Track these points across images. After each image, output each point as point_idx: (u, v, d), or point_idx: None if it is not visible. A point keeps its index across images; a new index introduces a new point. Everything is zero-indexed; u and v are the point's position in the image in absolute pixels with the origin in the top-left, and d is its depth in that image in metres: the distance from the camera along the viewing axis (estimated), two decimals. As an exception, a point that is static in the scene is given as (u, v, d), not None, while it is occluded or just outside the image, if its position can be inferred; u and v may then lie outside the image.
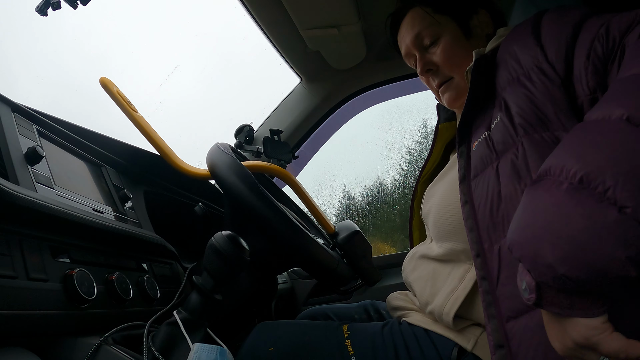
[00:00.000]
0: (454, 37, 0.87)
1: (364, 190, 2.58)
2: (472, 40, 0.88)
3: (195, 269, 0.96)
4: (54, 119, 0.90)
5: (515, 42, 0.72)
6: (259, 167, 0.98)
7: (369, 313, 1.06)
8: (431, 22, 0.88)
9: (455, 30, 0.88)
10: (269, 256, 0.86)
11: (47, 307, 0.58)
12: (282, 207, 0.80)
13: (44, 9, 0.87)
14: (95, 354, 0.61)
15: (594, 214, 0.42)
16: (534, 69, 0.66)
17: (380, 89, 1.73)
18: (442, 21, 0.88)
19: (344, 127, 1.87)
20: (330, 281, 0.90)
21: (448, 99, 0.90)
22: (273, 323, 0.90)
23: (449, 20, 0.88)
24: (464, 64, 0.84)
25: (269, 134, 1.67)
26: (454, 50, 0.87)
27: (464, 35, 0.88)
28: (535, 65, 0.66)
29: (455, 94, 0.89)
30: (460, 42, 0.87)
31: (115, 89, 0.89)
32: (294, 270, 1.74)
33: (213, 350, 0.62)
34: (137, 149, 1.11)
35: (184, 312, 0.69)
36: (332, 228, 1.03)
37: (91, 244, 0.73)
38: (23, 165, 0.69)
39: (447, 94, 0.90)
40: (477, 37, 0.89)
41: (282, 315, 1.55)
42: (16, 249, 0.57)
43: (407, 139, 2.59)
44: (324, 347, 0.81)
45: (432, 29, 0.88)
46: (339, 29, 1.37)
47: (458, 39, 0.87)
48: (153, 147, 0.92)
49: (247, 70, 2.71)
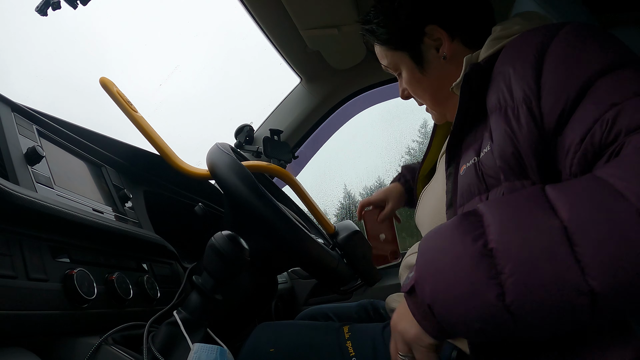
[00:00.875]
0: (410, 73, 0.85)
1: (364, 190, 2.58)
2: (428, 69, 0.83)
3: (195, 269, 0.96)
4: (54, 119, 0.90)
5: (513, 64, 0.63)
6: (259, 167, 0.97)
7: (369, 313, 1.06)
8: (389, 60, 0.87)
9: (409, 64, 0.84)
10: (269, 256, 0.86)
11: (47, 307, 0.58)
12: (282, 207, 0.80)
13: (44, 9, 0.87)
14: (95, 354, 0.61)
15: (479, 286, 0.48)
16: (523, 108, 0.59)
17: (380, 88, 1.73)
18: (397, 57, 0.85)
19: (344, 127, 1.87)
20: (330, 281, 0.90)
21: (434, 118, 0.92)
22: (274, 324, 0.90)
23: (403, 55, 0.84)
24: (429, 92, 0.85)
25: (269, 134, 1.67)
26: (413, 85, 0.86)
27: (417, 66, 0.83)
28: (525, 104, 0.59)
29: (436, 116, 0.90)
30: (415, 76, 0.84)
31: (115, 89, 0.89)
32: (294, 270, 1.74)
33: (213, 350, 0.62)
34: (137, 149, 1.11)
35: (184, 312, 0.69)
36: (332, 228, 1.03)
37: (91, 244, 0.73)
38: (23, 165, 0.69)
39: (431, 114, 0.91)
40: (431, 64, 0.82)
41: (282, 315, 1.55)
42: (16, 249, 0.57)
43: (407, 139, 2.59)
44: (325, 348, 0.81)
45: (392, 65, 0.88)
46: (339, 29, 1.37)
47: (413, 73, 0.84)
48: (153, 147, 0.92)
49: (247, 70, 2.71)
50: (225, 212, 0.92)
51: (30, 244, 0.60)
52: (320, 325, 0.89)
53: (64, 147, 0.88)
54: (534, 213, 0.48)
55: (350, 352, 0.79)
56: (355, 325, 0.87)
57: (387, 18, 0.83)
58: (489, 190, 0.62)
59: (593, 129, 0.52)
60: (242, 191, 0.76)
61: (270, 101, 1.78)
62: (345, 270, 0.89)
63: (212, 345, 0.63)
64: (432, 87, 0.84)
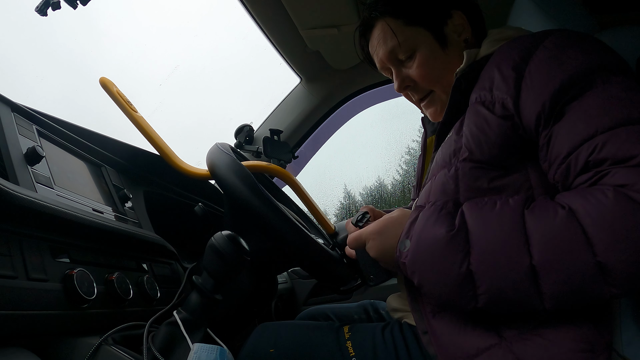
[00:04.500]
0: (430, 49, 0.81)
1: (364, 190, 2.58)
2: (449, 49, 0.82)
3: (195, 269, 0.96)
4: (54, 119, 0.90)
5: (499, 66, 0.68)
6: (259, 167, 0.97)
7: (369, 313, 1.06)
8: (404, 36, 0.82)
9: (430, 41, 0.82)
10: (269, 256, 0.86)
11: (47, 307, 0.58)
12: (282, 207, 0.80)
13: (43, 9, 0.87)
14: (95, 354, 0.61)
15: (450, 260, 0.60)
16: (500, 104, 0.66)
17: (380, 88, 1.73)
18: (415, 34, 0.82)
19: (344, 127, 1.87)
20: (330, 281, 0.90)
21: (432, 114, 0.88)
22: (274, 324, 0.90)
23: (423, 32, 0.82)
24: (443, 75, 0.82)
25: (269, 134, 1.67)
26: (431, 64, 0.82)
27: (440, 45, 0.82)
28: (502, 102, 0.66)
29: (438, 108, 0.86)
30: (437, 54, 0.82)
31: (115, 89, 0.89)
32: (294, 270, 1.74)
33: (213, 350, 0.62)
34: (137, 149, 1.11)
35: (184, 312, 0.69)
36: (332, 228, 1.03)
37: (91, 244, 0.73)
38: (23, 165, 0.69)
39: (430, 109, 0.87)
40: (453, 45, 0.83)
41: (282, 315, 1.55)
42: (16, 249, 0.57)
43: (407, 139, 2.59)
44: (325, 349, 0.81)
45: (407, 43, 0.82)
46: (339, 29, 1.37)
47: (434, 51, 0.82)
48: (153, 147, 0.92)
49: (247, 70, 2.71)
50: (225, 212, 0.92)
51: (30, 244, 0.60)
52: (320, 325, 0.89)
53: (63, 147, 0.88)
54: (509, 245, 0.58)
55: (350, 353, 0.79)
56: (355, 325, 0.86)
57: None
58: (456, 167, 0.69)
59: (580, 149, 0.58)
60: (242, 191, 0.76)
61: (270, 101, 1.78)
62: (345, 271, 0.89)
63: (212, 345, 0.63)
64: (449, 67, 0.81)
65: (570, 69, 0.61)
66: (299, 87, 1.74)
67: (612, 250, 0.52)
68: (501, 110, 0.66)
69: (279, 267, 1.08)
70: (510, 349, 0.61)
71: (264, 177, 1.19)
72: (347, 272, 0.89)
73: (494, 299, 0.59)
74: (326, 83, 1.70)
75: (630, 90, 0.59)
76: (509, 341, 0.62)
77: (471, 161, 0.67)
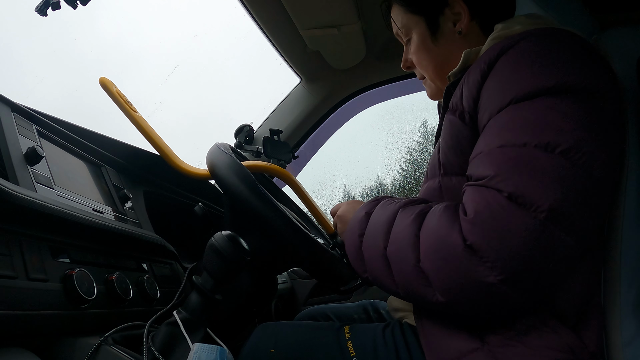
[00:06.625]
0: (421, 39, 0.84)
1: (364, 190, 2.58)
2: (440, 40, 0.83)
3: (195, 269, 0.96)
4: (54, 119, 0.90)
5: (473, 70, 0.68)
6: (259, 167, 0.98)
7: (369, 313, 1.06)
8: (402, 23, 0.86)
9: (423, 31, 0.84)
10: (269, 256, 0.86)
11: (47, 307, 0.58)
12: (282, 207, 0.80)
13: (43, 9, 0.87)
14: (95, 354, 0.61)
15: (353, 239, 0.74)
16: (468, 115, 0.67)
17: (380, 89, 1.73)
18: (411, 21, 0.85)
19: (344, 127, 1.87)
20: (330, 281, 0.90)
21: (428, 94, 0.94)
22: (274, 324, 0.90)
23: (420, 20, 0.84)
24: (430, 65, 0.85)
25: (269, 134, 1.67)
26: (420, 52, 0.85)
27: (431, 35, 0.83)
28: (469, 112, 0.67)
29: (431, 91, 0.92)
30: (426, 44, 0.84)
31: (114, 89, 0.89)
32: (294, 270, 1.74)
33: (213, 351, 0.62)
34: (137, 149, 1.11)
35: (184, 312, 0.69)
36: (332, 228, 1.03)
37: (91, 244, 0.73)
38: (23, 165, 0.69)
39: (427, 89, 0.93)
40: (445, 35, 0.82)
41: (282, 315, 1.55)
42: (16, 249, 0.57)
43: (407, 139, 2.59)
44: (326, 349, 0.81)
45: (404, 29, 0.87)
46: (339, 29, 1.37)
47: (423, 41, 0.84)
48: (153, 147, 0.92)
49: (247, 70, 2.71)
50: (225, 212, 0.92)
51: (30, 244, 0.60)
52: (320, 325, 0.89)
53: (63, 147, 0.88)
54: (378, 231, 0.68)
55: (350, 353, 0.79)
56: (356, 325, 0.86)
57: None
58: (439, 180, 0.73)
59: (472, 160, 0.62)
60: (242, 191, 0.76)
61: (270, 101, 1.78)
62: (345, 270, 0.89)
63: (212, 345, 0.63)
64: (439, 59, 0.84)
65: (519, 88, 0.59)
66: (299, 87, 1.74)
67: (427, 259, 0.59)
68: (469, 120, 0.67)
69: (279, 267, 1.08)
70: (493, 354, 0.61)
71: (264, 177, 1.19)
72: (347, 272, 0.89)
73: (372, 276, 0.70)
74: (326, 83, 1.70)
75: (564, 118, 0.56)
76: (492, 346, 0.62)
77: (452, 174, 0.71)
